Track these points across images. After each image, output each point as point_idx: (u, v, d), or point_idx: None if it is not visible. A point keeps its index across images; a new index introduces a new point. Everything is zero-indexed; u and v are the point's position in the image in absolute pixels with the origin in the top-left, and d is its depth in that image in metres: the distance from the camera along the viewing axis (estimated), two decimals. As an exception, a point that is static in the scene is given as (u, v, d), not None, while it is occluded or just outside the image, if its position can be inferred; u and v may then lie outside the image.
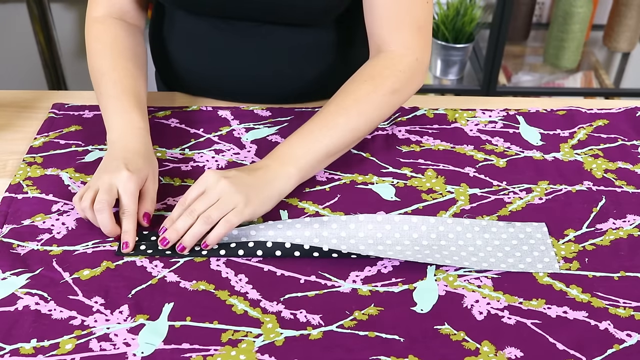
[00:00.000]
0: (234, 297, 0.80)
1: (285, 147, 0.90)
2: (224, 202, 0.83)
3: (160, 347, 0.74)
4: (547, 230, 0.89)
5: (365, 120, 0.93)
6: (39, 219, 0.89)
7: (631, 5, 2.17)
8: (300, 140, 0.91)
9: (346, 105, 0.92)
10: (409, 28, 0.96)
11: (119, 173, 0.86)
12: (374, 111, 0.94)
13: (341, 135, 0.92)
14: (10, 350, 0.73)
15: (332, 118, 0.92)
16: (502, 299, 0.80)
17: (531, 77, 2.32)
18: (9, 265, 0.82)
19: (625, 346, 0.75)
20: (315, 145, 0.90)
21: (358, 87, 0.94)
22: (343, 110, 0.92)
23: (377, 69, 0.95)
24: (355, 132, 0.93)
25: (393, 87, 0.94)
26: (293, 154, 0.89)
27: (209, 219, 0.83)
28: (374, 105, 0.93)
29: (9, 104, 1.12)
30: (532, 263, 0.84)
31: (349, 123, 0.92)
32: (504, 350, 0.74)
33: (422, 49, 0.97)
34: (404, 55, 0.96)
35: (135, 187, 0.86)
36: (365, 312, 0.78)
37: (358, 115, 0.92)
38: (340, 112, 0.92)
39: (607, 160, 1.02)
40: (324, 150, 0.91)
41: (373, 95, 0.93)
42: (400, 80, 0.95)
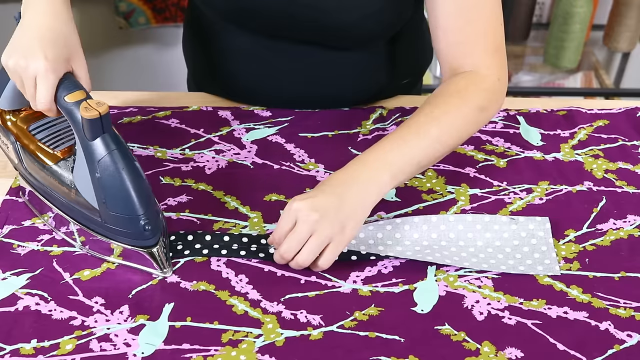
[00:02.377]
0: (235, 298, 0.80)
1: (377, 152, 0.85)
2: (318, 239, 0.79)
3: (161, 348, 0.74)
4: (550, 226, 0.88)
5: (456, 133, 0.89)
6: (40, 220, 0.89)
7: (631, 5, 2.17)
8: (391, 146, 0.85)
9: (436, 115, 0.88)
10: (486, 50, 0.93)
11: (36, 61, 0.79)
12: (463, 124, 0.89)
13: (432, 145, 0.86)
14: (10, 350, 0.73)
15: (424, 127, 0.87)
16: (502, 300, 0.80)
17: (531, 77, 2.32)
18: (9, 266, 0.82)
19: (626, 346, 0.75)
20: (407, 152, 0.85)
21: (446, 100, 0.90)
22: (434, 120, 0.88)
23: (461, 85, 0.91)
24: (444, 144, 0.88)
25: (480, 104, 0.91)
26: (385, 159, 0.84)
27: (304, 263, 0.80)
28: (463, 118, 0.89)
29: (9, 104, 1.12)
30: (532, 265, 0.84)
31: (440, 133, 0.87)
32: (504, 350, 0.74)
33: (502, 68, 0.94)
34: (486, 76, 0.92)
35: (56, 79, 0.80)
36: (365, 313, 0.78)
37: (449, 126, 0.88)
38: (432, 122, 0.87)
39: (607, 161, 1.02)
40: (415, 159, 0.85)
41: (463, 109, 0.90)
42: (485, 98, 0.91)
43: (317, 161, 1.00)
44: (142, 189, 0.78)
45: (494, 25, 0.93)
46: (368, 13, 0.96)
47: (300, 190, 0.94)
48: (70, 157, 0.85)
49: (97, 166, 0.76)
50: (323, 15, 0.96)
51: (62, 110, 0.79)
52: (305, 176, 0.98)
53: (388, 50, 1.08)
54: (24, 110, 0.90)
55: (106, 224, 0.80)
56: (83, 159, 0.78)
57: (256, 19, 0.99)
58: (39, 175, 0.86)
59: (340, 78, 1.08)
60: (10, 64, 0.80)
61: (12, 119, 0.89)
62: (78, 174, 0.81)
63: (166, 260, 0.82)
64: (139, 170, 0.78)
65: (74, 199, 0.82)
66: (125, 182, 0.77)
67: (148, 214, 0.78)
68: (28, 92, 0.81)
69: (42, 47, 0.79)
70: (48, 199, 0.86)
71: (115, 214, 0.78)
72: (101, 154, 0.76)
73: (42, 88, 0.79)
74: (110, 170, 0.76)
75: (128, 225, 0.79)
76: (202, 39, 1.12)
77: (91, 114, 0.75)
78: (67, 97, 0.78)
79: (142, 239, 0.79)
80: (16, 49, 0.80)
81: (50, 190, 0.85)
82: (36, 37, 0.80)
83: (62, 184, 0.83)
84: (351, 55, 1.05)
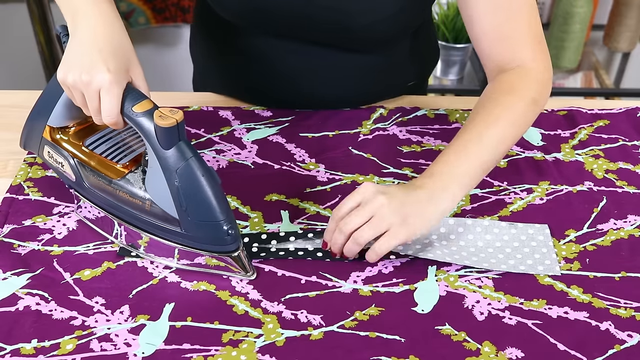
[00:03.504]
0: (235, 298, 0.80)
1: (443, 165, 0.85)
2: (378, 222, 0.80)
3: (161, 348, 0.74)
4: (550, 232, 0.88)
5: (515, 130, 0.89)
6: (40, 219, 0.89)
7: (631, 5, 2.17)
8: (456, 157, 0.86)
9: (494, 116, 0.89)
10: (529, 43, 0.93)
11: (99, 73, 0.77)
12: (520, 120, 0.90)
13: (495, 147, 0.87)
14: (11, 350, 0.73)
15: (484, 130, 0.88)
16: (503, 300, 0.80)
17: (531, 77, 2.31)
18: (10, 266, 0.82)
19: (626, 347, 0.75)
20: (471, 160, 0.86)
21: (501, 98, 0.91)
22: (492, 121, 0.88)
23: (512, 82, 0.92)
24: (506, 142, 0.89)
25: (533, 97, 0.91)
26: (453, 173, 0.84)
27: (361, 239, 0.80)
28: (520, 114, 0.90)
29: (9, 104, 1.12)
30: (533, 265, 0.84)
31: (501, 133, 0.88)
32: (504, 350, 0.74)
33: (546, 58, 0.94)
34: (533, 68, 0.93)
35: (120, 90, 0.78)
36: (366, 313, 0.78)
37: (509, 125, 0.89)
38: (491, 124, 0.88)
39: (608, 161, 1.02)
40: (479, 164, 0.86)
41: (518, 105, 0.90)
42: (536, 91, 0.92)
43: (317, 161, 1.00)
44: (221, 194, 0.77)
45: (532, 16, 0.93)
46: (387, 15, 0.96)
47: (300, 190, 0.95)
48: (137, 168, 0.83)
49: (176, 175, 0.75)
50: (342, 18, 0.96)
51: (130, 122, 0.77)
52: (306, 176, 0.98)
53: (399, 52, 1.08)
54: (72, 126, 0.88)
55: (187, 233, 0.78)
56: (158, 169, 0.76)
57: (271, 20, 0.99)
58: (104, 192, 0.83)
59: (350, 79, 1.08)
60: (70, 79, 0.77)
61: (64, 137, 0.87)
62: (152, 184, 0.79)
63: (248, 263, 0.82)
64: (216, 176, 0.77)
65: (148, 210, 0.80)
66: (206, 189, 0.75)
67: (229, 219, 0.77)
68: (91, 107, 0.78)
69: (103, 59, 0.77)
70: (116, 215, 0.84)
71: (196, 221, 0.77)
72: (180, 162, 0.75)
73: (107, 101, 0.76)
74: (190, 177, 0.75)
75: (210, 231, 0.77)
76: (213, 39, 1.12)
77: (168, 122, 0.73)
78: (134, 107, 0.76)
79: (225, 244, 0.78)
80: (74, 64, 0.78)
81: (120, 205, 0.83)
82: (95, 50, 0.77)
83: (133, 196, 0.81)
84: (363, 57, 1.05)
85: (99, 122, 0.79)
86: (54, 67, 2.19)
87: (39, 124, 0.87)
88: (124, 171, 0.83)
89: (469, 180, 0.85)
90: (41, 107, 0.87)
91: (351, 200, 0.82)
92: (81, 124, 0.88)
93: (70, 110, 0.85)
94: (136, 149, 0.86)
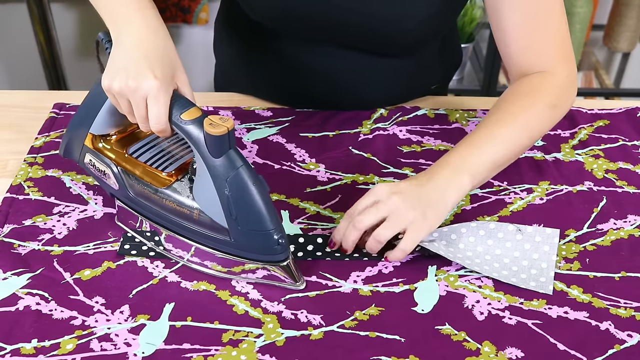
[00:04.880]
0: (235, 297, 0.80)
1: (454, 156, 0.87)
2: (396, 221, 0.81)
3: (161, 347, 0.74)
4: (558, 241, 0.87)
5: (528, 133, 0.91)
6: (40, 219, 0.89)
7: (631, 5, 2.17)
8: (468, 149, 0.87)
9: (508, 117, 0.90)
10: (555, 49, 0.94)
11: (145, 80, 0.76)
12: (535, 123, 0.91)
13: (506, 146, 0.89)
14: (11, 350, 0.73)
15: (496, 129, 0.89)
16: (502, 299, 0.80)
17: (531, 77, 2.31)
18: (10, 265, 0.82)
19: (626, 346, 0.75)
20: (483, 155, 0.87)
21: (517, 100, 0.92)
22: (505, 122, 0.89)
23: (532, 85, 0.93)
24: (518, 144, 0.90)
25: (552, 102, 0.92)
26: (464, 162, 0.86)
27: (381, 238, 0.81)
28: (535, 117, 0.91)
29: (9, 104, 1.12)
30: (526, 280, 0.82)
31: (513, 134, 0.89)
32: (504, 350, 0.74)
33: (570, 63, 0.94)
34: (555, 74, 0.93)
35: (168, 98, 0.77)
36: (366, 312, 0.78)
37: (521, 127, 0.90)
38: (503, 124, 0.89)
39: (607, 161, 1.02)
40: (490, 159, 0.87)
41: (534, 108, 0.91)
42: (557, 96, 0.92)
43: (317, 161, 1.00)
44: (271, 203, 0.76)
45: (561, 22, 0.93)
46: (419, 20, 0.96)
47: (300, 190, 0.95)
48: (184, 177, 0.82)
49: (227, 183, 0.74)
50: (373, 22, 0.96)
51: (178, 129, 0.76)
52: (306, 176, 0.98)
53: (427, 55, 1.09)
54: (113, 134, 0.87)
55: (236, 242, 0.78)
56: (207, 178, 0.75)
57: (301, 24, 0.99)
58: (149, 200, 0.82)
59: (378, 82, 1.08)
60: (116, 86, 0.76)
61: (106, 145, 0.86)
62: (201, 193, 0.78)
63: (298, 272, 0.81)
64: (265, 184, 0.76)
65: (196, 219, 0.79)
66: (257, 198, 0.74)
67: (280, 229, 0.77)
68: (138, 114, 0.77)
69: (150, 66, 0.76)
70: (161, 224, 0.83)
71: (246, 230, 0.76)
72: (230, 171, 0.74)
73: (155, 108, 0.75)
74: (241, 186, 0.74)
75: (261, 241, 0.77)
76: (242, 39, 1.11)
77: (219, 131, 0.72)
78: (182, 115, 0.75)
79: (274, 253, 0.78)
80: (120, 71, 0.76)
81: (166, 214, 0.82)
82: (141, 57, 0.76)
83: (180, 205, 0.80)
84: (391, 60, 1.05)
85: (146, 129, 0.78)
86: (54, 67, 2.19)
87: (81, 131, 0.86)
88: (170, 180, 0.82)
89: (479, 174, 0.86)
90: (83, 115, 0.86)
91: (365, 200, 0.83)
92: (123, 132, 0.87)
93: (114, 118, 0.84)
94: (181, 156, 0.84)
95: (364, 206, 0.83)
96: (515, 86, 0.94)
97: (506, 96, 0.94)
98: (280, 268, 0.79)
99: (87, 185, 0.94)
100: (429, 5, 0.95)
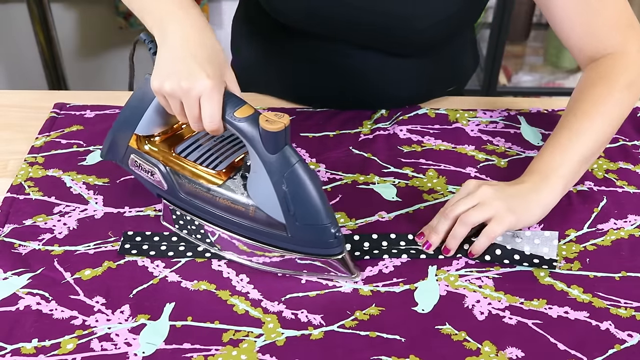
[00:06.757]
0: (235, 297, 0.80)
1: (540, 162, 0.88)
2: (485, 206, 0.82)
3: (162, 347, 0.74)
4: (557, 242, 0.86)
5: (609, 120, 0.90)
6: (41, 219, 0.89)
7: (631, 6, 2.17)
8: (552, 153, 0.88)
9: (586, 109, 0.90)
10: (619, 31, 0.93)
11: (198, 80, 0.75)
12: (614, 109, 0.91)
13: (590, 139, 0.89)
14: (11, 350, 0.73)
15: (577, 125, 0.89)
16: (503, 299, 0.80)
17: (531, 77, 2.32)
18: (10, 265, 0.82)
19: (627, 346, 0.75)
20: (568, 154, 0.88)
21: (592, 90, 0.92)
22: (584, 114, 0.90)
23: (604, 69, 0.93)
24: (602, 133, 0.90)
25: (627, 81, 0.91)
26: (550, 167, 0.87)
27: (469, 220, 0.82)
28: (613, 103, 0.91)
29: (10, 104, 1.12)
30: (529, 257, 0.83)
31: (594, 125, 0.89)
32: (505, 350, 0.74)
33: (636, 37, 0.94)
34: (625, 53, 0.93)
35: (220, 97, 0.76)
36: (366, 312, 0.78)
37: (601, 116, 0.90)
38: (583, 117, 0.90)
39: (608, 161, 1.02)
40: (577, 157, 0.88)
41: (611, 94, 0.91)
42: (632, 73, 0.92)
43: (318, 161, 1.00)
44: (325, 197, 0.76)
45: (620, 4, 0.93)
46: (441, 19, 0.97)
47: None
48: (236, 174, 0.82)
49: (284, 179, 0.75)
50: (398, 23, 0.96)
51: (232, 127, 0.76)
52: (306, 176, 0.98)
53: (444, 57, 1.09)
54: (158, 135, 0.86)
55: (292, 237, 0.78)
56: (263, 174, 0.75)
57: (325, 25, 0.99)
58: (201, 199, 0.82)
59: (400, 83, 1.08)
60: (167, 87, 0.76)
61: (152, 145, 0.86)
62: (256, 190, 0.78)
63: (354, 265, 0.82)
64: (319, 179, 0.76)
65: (252, 216, 0.79)
66: (313, 192, 0.75)
67: (335, 222, 0.77)
68: (191, 115, 0.77)
69: (201, 65, 0.75)
70: (213, 222, 0.83)
71: (304, 225, 0.76)
72: (287, 167, 0.74)
73: (209, 107, 0.75)
74: (299, 181, 0.74)
75: (318, 235, 0.77)
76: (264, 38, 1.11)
77: (276, 127, 0.72)
78: (236, 113, 0.75)
79: (331, 247, 0.78)
80: (170, 72, 0.76)
81: (219, 212, 0.82)
82: (190, 57, 0.76)
83: (235, 203, 0.80)
84: (414, 60, 1.05)
85: (197, 128, 0.78)
86: (54, 67, 2.19)
87: (126, 132, 0.86)
88: (222, 178, 0.82)
89: (568, 174, 0.87)
90: (128, 116, 0.85)
91: (457, 195, 0.86)
92: (166, 133, 0.87)
93: (161, 118, 0.84)
94: (230, 154, 0.84)
95: (455, 199, 0.85)
96: (586, 75, 0.94)
97: (580, 87, 0.93)
98: (336, 261, 0.80)
99: (87, 185, 0.94)
100: (448, 4, 0.95)
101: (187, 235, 0.86)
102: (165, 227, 0.88)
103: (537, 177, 0.86)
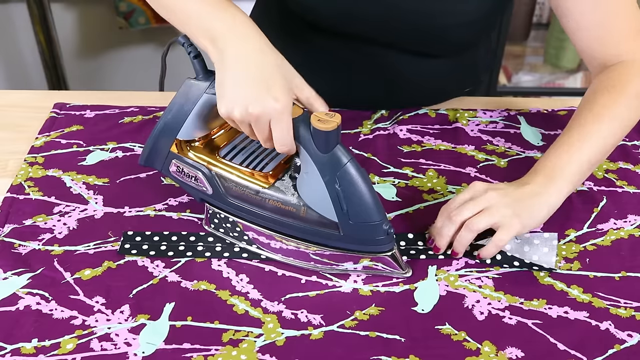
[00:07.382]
0: (235, 297, 0.80)
1: (547, 162, 0.87)
2: (493, 212, 0.82)
3: (161, 347, 0.74)
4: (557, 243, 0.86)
5: (618, 125, 0.90)
6: (41, 219, 0.89)
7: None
8: (559, 153, 0.88)
9: (596, 113, 0.90)
10: (630, 37, 0.93)
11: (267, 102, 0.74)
12: (623, 115, 0.91)
13: (598, 143, 0.89)
14: (11, 350, 0.73)
15: (587, 128, 0.89)
16: (503, 299, 0.80)
17: (531, 77, 2.32)
18: (10, 265, 0.82)
19: (626, 346, 0.75)
20: (576, 156, 0.87)
21: (602, 95, 0.92)
22: (594, 118, 0.90)
23: (614, 77, 0.93)
24: (610, 138, 0.90)
25: (637, 91, 0.92)
26: (557, 167, 0.86)
27: (475, 226, 0.82)
28: (623, 109, 0.91)
29: (10, 104, 1.12)
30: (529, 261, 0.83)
31: (603, 130, 0.89)
32: (504, 350, 0.74)
33: None
34: (635, 61, 0.93)
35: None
36: (366, 312, 0.78)
37: (610, 120, 0.90)
38: (593, 121, 0.89)
39: (608, 161, 1.02)
40: (585, 159, 0.87)
41: (620, 100, 0.90)
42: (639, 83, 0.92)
43: (317, 161, 1.00)
44: (376, 195, 0.77)
45: (632, 10, 0.93)
46: (471, 20, 0.97)
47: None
48: (284, 175, 0.82)
49: (337, 178, 0.75)
50: (426, 22, 0.96)
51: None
52: (306, 176, 0.98)
53: (468, 57, 1.09)
54: (198, 140, 0.86)
55: (345, 235, 0.78)
56: (314, 174, 0.76)
57: (354, 24, 0.99)
58: (249, 202, 0.82)
59: (421, 83, 1.08)
60: (237, 114, 0.75)
61: (195, 150, 0.85)
62: (307, 190, 0.79)
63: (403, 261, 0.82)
64: (369, 177, 0.76)
65: (303, 217, 0.79)
66: (366, 191, 0.75)
67: (386, 219, 0.78)
68: (262, 137, 0.77)
69: (267, 88, 0.74)
70: (262, 224, 0.83)
71: (356, 223, 0.77)
72: (340, 166, 0.74)
73: (279, 130, 0.74)
74: (351, 180, 0.75)
75: (370, 232, 0.78)
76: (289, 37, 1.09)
77: (329, 126, 0.72)
78: None
79: (382, 244, 0.79)
80: (238, 98, 0.75)
81: (268, 214, 0.82)
82: (256, 80, 0.74)
83: (286, 204, 0.80)
84: (437, 61, 1.05)
85: (268, 147, 0.78)
86: (54, 67, 2.19)
87: (167, 138, 0.85)
88: (270, 180, 0.82)
89: (574, 175, 0.87)
90: (170, 122, 0.84)
91: (462, 196, 0.85)
92: (206, 137, 0.87)
93: (204, 122, 0.84)
94: (275, 155, 0.84)
95: (459, 202, 0.84)
96: (597, 82, 0.94)
97: (590, 93, 0.93)
98: (388, 258, 0.80)
99: (87, 185, 0.94)
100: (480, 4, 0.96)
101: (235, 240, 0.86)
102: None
103: (542, 178, 0.86)
